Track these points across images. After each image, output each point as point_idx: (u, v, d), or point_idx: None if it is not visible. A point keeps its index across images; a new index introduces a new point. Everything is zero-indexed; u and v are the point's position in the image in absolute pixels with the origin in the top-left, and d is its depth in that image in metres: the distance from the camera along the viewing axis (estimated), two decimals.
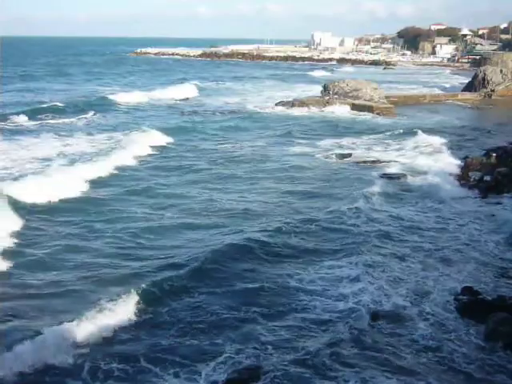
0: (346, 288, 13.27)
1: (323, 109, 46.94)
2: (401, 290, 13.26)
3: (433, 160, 28.12)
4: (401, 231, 17.59)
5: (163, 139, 31.85)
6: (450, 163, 27.29)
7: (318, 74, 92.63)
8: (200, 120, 40.65)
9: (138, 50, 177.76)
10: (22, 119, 37.85)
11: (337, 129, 38.18)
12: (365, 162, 27.57)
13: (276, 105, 49.13)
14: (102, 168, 24.26)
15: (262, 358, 10.47)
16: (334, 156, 28.68)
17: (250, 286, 13.44)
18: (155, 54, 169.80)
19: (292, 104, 48.65)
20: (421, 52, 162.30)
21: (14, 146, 29.26)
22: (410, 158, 28.44)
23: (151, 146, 29.71)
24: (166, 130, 33.81)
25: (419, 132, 35.61)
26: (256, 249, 15.48)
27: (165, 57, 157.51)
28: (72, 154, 27.72)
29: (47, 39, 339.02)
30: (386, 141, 33.75)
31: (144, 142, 30.19)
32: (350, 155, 28.88)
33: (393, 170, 25.85)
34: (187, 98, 55.69)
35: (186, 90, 61.23)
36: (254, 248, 15.48)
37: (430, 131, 37.19)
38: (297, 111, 46.38)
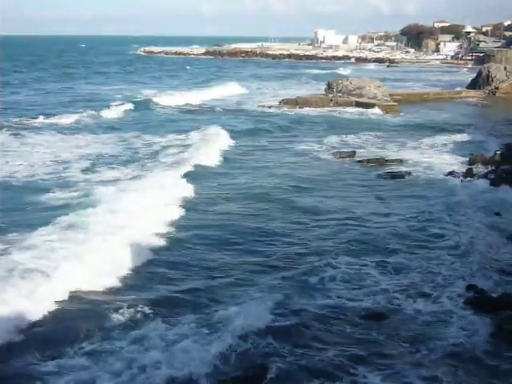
0: None
1: (331, 108, 46.94)
2: (404, 288, 13.28)
3: (438, 157, 28.35)
4: (394, 226, 17.70)
5: (228, 139, 31.99)
6: (455, 160, 27.41)
7: (345, 72, 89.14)
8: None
9: (142, 49, 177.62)
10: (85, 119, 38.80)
11: (344, 127, 38.16)
12: (368, 160, 27.50)
13: (280, 103, 49.03)
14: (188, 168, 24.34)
15: None
16: (343, 156, 28.50)
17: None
18: (158, 52, 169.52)
19: (296, 102, 48.56)
20: (424, 49, 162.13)
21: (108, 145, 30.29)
22: (417, 156, 28.58)
23: (221, 147, 29.62)
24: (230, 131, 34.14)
25: (424, 130, 35.72)
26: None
27: (176, 56, 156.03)
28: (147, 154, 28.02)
29: (49, 38, 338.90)
30: (400, 139, 33.69)
31: (214, 142, 30.25)
32: (354, 153, 28.76)
33: (400, 168, 25.91)
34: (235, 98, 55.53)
35: (232, 90, 61.14)
36: None
37: (435, 129, 37.31)
38: (304, 109, 46.40)
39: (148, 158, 27.01)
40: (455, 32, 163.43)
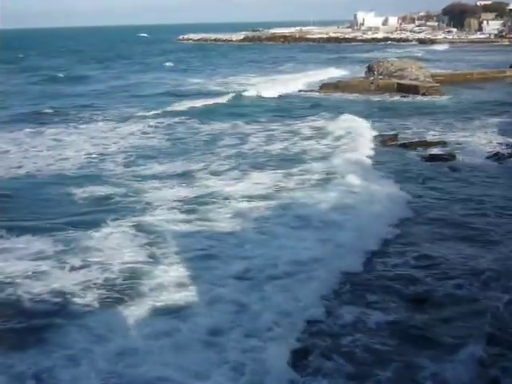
0: None
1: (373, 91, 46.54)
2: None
3: (484, 138, 28.07)
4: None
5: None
6: (500, 141, 27.06)
7: (418, 53, 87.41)
8: None
9: (180, 37, 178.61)
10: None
11: (388, 109, 38.08)
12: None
13: (320, 87, 48.89)
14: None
15: None
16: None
17: None
18: (198, 40, 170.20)
19: (336, 86, 48.41)
20: (467, 29, 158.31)
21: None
22: (462, 138, 28.37)
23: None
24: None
25: (468, 111, 35.48)
26: None
27: (220, 43, 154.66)
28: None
29: (84, 29, 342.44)
30: (444, 121, 33.30)
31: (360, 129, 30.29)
32: (396, 136, 28.60)
33: (444, 150, 25.73)
34: None
35: (333, 73, 61.09)
36: None
37: (479, 110, 36.76)
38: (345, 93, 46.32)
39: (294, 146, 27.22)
40: (498, 10, 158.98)
